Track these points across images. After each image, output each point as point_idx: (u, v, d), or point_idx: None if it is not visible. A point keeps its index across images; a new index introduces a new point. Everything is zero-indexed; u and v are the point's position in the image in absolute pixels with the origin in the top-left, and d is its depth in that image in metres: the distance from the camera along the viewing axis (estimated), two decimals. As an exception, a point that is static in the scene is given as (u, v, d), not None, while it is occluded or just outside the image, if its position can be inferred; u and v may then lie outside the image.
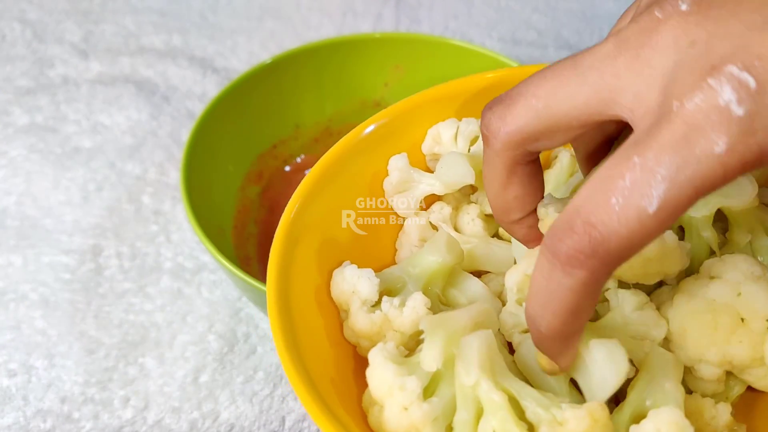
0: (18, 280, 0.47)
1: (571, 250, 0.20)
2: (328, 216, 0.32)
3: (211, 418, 0.41)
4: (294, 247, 0.29)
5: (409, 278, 0.30)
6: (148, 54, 0.67)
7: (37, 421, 0.41)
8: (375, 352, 0.26)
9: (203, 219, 0.39)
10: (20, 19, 0.72)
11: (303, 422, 0.41)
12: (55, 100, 0.62)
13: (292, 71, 0.49)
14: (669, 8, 0.20)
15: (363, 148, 0.33)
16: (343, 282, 0.29)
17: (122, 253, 0.49)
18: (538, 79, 0.23)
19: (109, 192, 0.53)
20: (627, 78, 0.21)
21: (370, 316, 0.28)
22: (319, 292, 0.30)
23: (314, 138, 0.53)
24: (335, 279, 0.30)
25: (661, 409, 0.23)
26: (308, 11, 0.74)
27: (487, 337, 0.25)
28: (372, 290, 0.28)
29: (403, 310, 0.28)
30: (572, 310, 0.21)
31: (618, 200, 0.19)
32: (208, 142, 0.44)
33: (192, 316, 0.46)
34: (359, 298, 0.28)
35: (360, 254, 0.31)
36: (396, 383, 0.24)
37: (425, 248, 0.30)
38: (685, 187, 0.19)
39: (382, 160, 0.34)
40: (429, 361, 0.25)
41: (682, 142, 0.19)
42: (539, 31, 0.71)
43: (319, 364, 0.27)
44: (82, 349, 0.44)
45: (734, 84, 0.18)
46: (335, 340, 0.29)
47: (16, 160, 0.56)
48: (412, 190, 0.33)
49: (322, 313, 0.29)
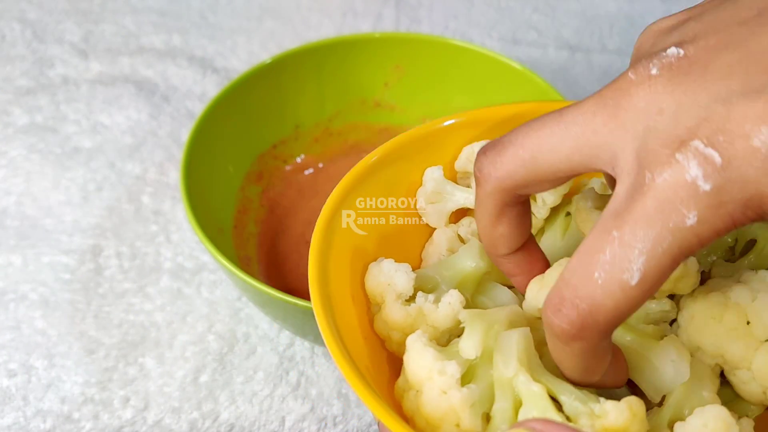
0: (18, 280, 0.47)
1: (564, 325, 0.21)
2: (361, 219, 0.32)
3: (211, 418, 0.41)
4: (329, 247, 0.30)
5: (442, 280, 0.30)
6: (147, 54, 0.67)
7: (37, 421, 0.41)
8: (413, 338, 0.26)
9: (203, 219, 0.39)
10: (20, 19, 0.72)
11: (303, 422, 0.41)
12: (54, 100, 0.62)
13: (292, 71, 0.49)
14: (641, 71, 0.21)
15: (399, 157, 0.33)
16: (380, 274, 0.29)
17: (122, 253, 0.49)
18: (527, 130, 0.24)
19: (109, 192, 0.53)
20: (605, 136, 0.22)
21: (406, 308, 0.28)
22: (353, 286, 0.30)
23: (314, 138, 0.53)
24: (371, 271, 0.30)
25: (708, 407, 0.24)
26: (308, 11, 0.74)
27: (525, 333, 0.26)
28: (408, 284, 0.29)
29: (439, 305, 0.28)
30: (584, 368, 0.23)
31: (600, 275, 0.20)
32: (208, 142, 0.44)
33: (192, 316, 0.45)
34: (395, 291, 0.29)
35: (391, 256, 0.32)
36: (435, 367, 0.25)
37: (460, 253, 0.31)
38: (664, 259, 0.20)
39: (417, 171, 0.34)
40: (468, 349, 0.26)
41: (656, 216, 0.20)
42: (539, 31, 0.71)
43: (356, 350, 0.28)
44: (82, 349, 0.44)
45: (700, 160, 0.19)
46: (365, 332, 0.30)
47: (16, 160, 0.56)
48: (445, 202, 0.34)
49: (355, 307, 0.30)
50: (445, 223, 0.34)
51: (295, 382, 0.42)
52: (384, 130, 0.54)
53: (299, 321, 0.38)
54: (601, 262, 0.20)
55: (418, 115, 0.53)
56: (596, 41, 0.70)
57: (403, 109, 0.53)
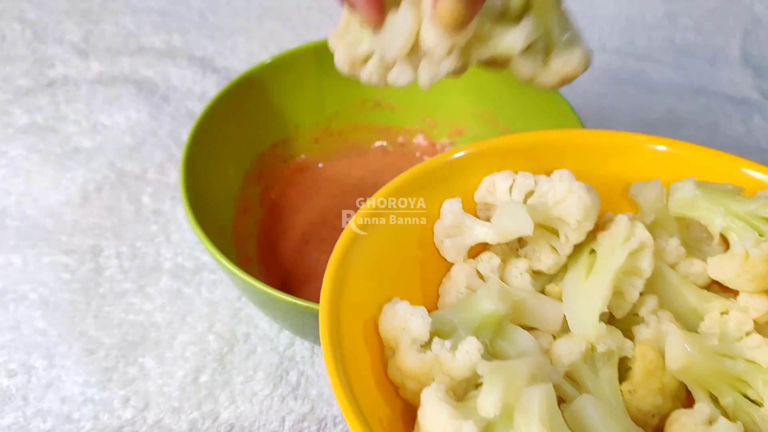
0: (18, 280, 0.47)
1: None
2: (377, 252, 0.31)
3: (211, 418, 0.41)
4: (342, 282, 0.29)
5: (460, 323, 0.29)
6: (147, 54, 0.67)
7: (37, 421, 0.41)
8: (429, 392, 0.25)
9: (203, 219, 0.39)
10: (20, 19, 0.72)
11: (303, 422, 0.41)
12: (55, 100, 0.62)
13: (291, 71, 0.49)
14: None
15: (416, 188, 0.33)
16: (395, 317, 0.28)
17: (122, 253, 0.49)
18: None
19: (109, 192, 0.53)
20: None
21: (421, 355, 0.27)
22: (366, 327, 0.29)
23: (314, 138, 0.53)
24: (386, 314, 0.29)
25: None
26: (308, 11, 0.74)
27: (548, 391, 0.24)
28: (424, 329, 0.27)
29: (456, 353, 0.27)
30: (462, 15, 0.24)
31: None
32: (208, 141, 0.44)
33: (192, 316, 0.45)
34: (410, 336, 0.27)
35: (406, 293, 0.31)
36: (451, 426, 0.24)
37: (479, 294, 0.29)
38: None
39: (434, 203, 0.33)
40: (487, 407, 0.24)
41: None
42: (539, 31, 0.71)
43: (368, 399, 0.26)
44: (82, 349, 0.44)
45: None
46: (378, 378, 0.28)
47: (16, 160, 0.56)
48: (463, 236, 0.33)
49: (368, 349, 0.28)
50: (463, 258, 0.33)
51: (295, 382, 0.42)
52: (384, 130, 0.54)
53: (299, 321, 0.38)
54: None
55: (417, 115, 0.53)
56: (596, 41, 0.70)
57: (403, 109, 0.53)
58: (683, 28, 0.72)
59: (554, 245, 0.32)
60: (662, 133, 0.60)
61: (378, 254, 0.31)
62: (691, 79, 0.66)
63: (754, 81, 0.65)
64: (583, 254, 0.32)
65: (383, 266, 0.31)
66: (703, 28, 0.72)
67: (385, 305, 0.29)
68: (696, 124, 0.61)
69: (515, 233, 0.31)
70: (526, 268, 0.32)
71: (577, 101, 0.63)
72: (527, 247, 0.33)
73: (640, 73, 0.66)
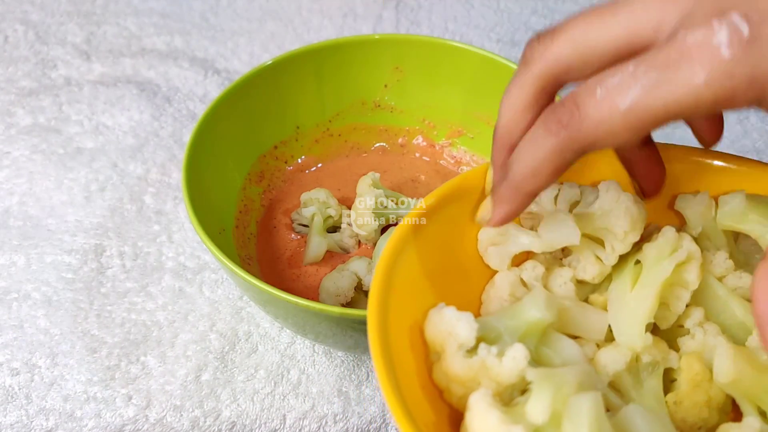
0: (21, 280, 0.48)
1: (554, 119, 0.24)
2: (422, 257, 0.31)
3: (213, 416, 0.41)
4: (389, 287, 0.28)
5: (506, 330, 0.29)
6: (149, 55, 0.68)
7: (40, 419, 0.41)
8: (477, 397, 0.25)
9: (205, 219, 0.39)
10: (23, 21, 0.72)
11: (303, 420, 0.41)
12: (57, 101, 0.62)
13: (292, 72, 0.50)
14: None
15: (462, 194, 0.32)
16: (441, 322, 0.28)
17: (124, 252, 0.50)
18: (582, 16, 0.26)
19: (112, 192, 0.54)
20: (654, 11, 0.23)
21: (468, 360, 0.27)
22: (412, 331, 0.29)
23: (315, 139, 0.53)
24: (432, 318, 0.29)
25: None
26: (309, 13, 0.74)
27: (596, 399, 0.24)
28: (471, 334, 0.27)
29: (503, 359, 0.27)
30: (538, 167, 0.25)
31: (602, 92, 0.23)
32: (209, 142, 0.44)
33: (193, 315, 0.46)
34: (456, 341, 0.27)
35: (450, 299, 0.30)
36: (500, 431, 0.24)
37: (525, 302, 0.29)
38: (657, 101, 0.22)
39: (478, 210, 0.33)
40: (537, 413, 0.24)
41: (672, 65, 0.21)
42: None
43: (415, 404, 0.26)
44: (85, 348, 0.44)
45: (731, 29, 0.21)
46: (423, 382, 0.28)
47: (19, 161, 0.56)
48: (508, 245, 0.33)
49: (413, 354, 0.28)
50: (507, 266, 0.33)
51: (296, 380, 0.43)
52: (383, 131, 0.54)
53: (300, 320, 0.38)
54: (608, 83, 0.23)
55: (417, 116, 0.54)
56: (595, 43, 0.70)
57: (403, 110, 0.54)
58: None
59: (599, 255, 0.32)
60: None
61: (423, 259, 0.31)
62: (689, 81, 0.66)
63: (751, 82, 0.66)
64: (628, 265, 0.32)
65: (428, 272, 0.31)
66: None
67: (431, 310, 0.29)
68: (694, 125, 0.61)
69: (562, 243, 0.31)
70: (570, 278, 0.32)
71: (575, 102, 0.64)
72: (571, 256, 0.33)
73: (638, 74, 0.67)
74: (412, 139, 0.55)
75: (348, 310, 0.34)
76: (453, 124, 0.53)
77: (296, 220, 0.49)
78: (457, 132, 0.53)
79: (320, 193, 0.48)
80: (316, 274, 0.46)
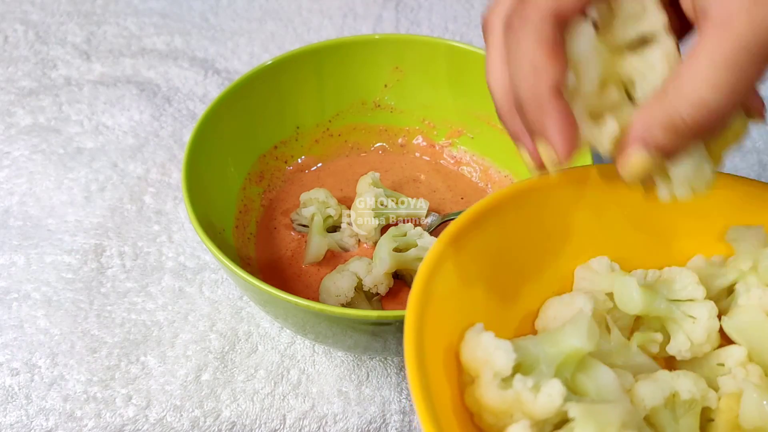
0: (21, 280, 0.48)
1: None
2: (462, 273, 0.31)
3: (213, 416, 0.41)
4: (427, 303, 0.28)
5: (544, 357, 0.28)
6: (149, 55, 0.68)
7: (40, 419, 0.41)
8: (518, 430, 0.25)
9: (205, 219, 0.39)
10: (23, 21, 0.72)
11: (303, 420, 0.41)
12: (57, 101, 0.62)
13: (292, 72, 0.50)
14: None
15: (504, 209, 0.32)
16: (478, 348, 0.28)
17: (124, 252, 0.50)
18: None
19: (112, 192, 0.54)
20: None
21: (502, 392, 0.26)
22: (447, 351, 0.28)
23: (315, 139, 0.53)
24: (469, 342, 0.28)
25: None
26: (309, 13, 0.74)
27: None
28: (508, 365, 0.27)
29: (538, 395, 0.26)
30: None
31: None
32: (209, 142, 0.44)
33: (193, 315, 0.46)
34: (492, 369, 0.27)
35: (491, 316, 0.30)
36: None
37: (567, 329, 0.29)
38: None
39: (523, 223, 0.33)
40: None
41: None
42: (538, 32, 0.72)
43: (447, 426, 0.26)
44: (85, 348, 0.44)
45: None
46: (454, 402, 0.28)
47: (19, 161, 0.56)
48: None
49: (446, 373, 0.28)
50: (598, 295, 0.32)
51: (296, 380, 0.43)
52: (383, 131, 0.54)
53: (300, 320, 0.38)
54: None
55: (417, 116, 0.54)
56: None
57: (403, 110, 0.54)
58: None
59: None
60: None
61: (462, 274, 0.30)
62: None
63: (751, 82, 0.66)
64: None
65: (466, 287, 0.30)
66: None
67: (468, 331, 0.29)
68: (694, 125, 0.61)
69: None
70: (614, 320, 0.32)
71: (575, 102, 0.64)
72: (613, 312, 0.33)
73: (638, 74, 0.67)
74: (412, 139, 0.55)
75: (348, 310, 0.34)
76: (453, 124, 0.53)
77: (296, 220, 0.49)
78: (457, 132, 0.53)
79: (319, 193, 0.48)
80: (316, 274, 0.46)
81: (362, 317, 0.35)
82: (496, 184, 0.52)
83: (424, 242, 0.44)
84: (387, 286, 0.44)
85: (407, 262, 0.44)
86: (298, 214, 0.49)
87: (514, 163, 0.51)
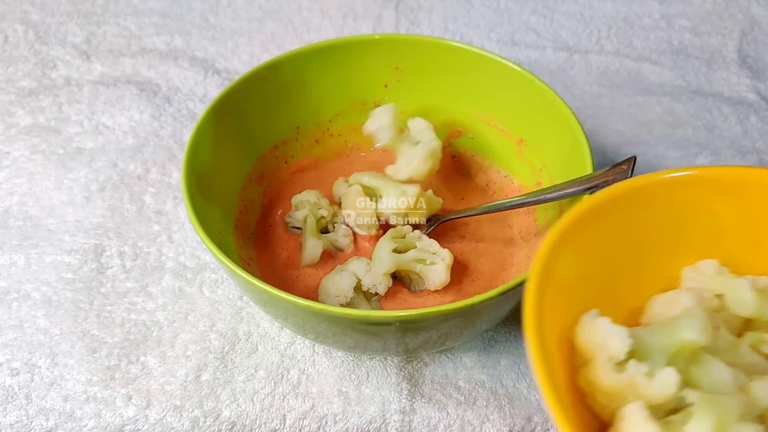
0: (21, 280, 0.48)
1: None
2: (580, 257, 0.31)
3: (213, 416, 0.41)
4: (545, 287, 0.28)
5: (657, 346, 0.29)
6: (149, 55, 0.68)
7: (40, 419, 0.41)
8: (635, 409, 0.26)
9: (205, 219, 0.39)
10: (23, 21, 0.72)
11: (303, 420, 0.41)
12: (57, 101, 0.62)
13: (292, 73, 0.50)
14: None
15: (618, 205, 0.32)
16: (594, 332, 0.28)
17: (124, 252, 0.50)
18: None
19: (111, 192, 0.54)
20: None
21: (617, 375, 0.27)
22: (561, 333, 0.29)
23: (315, 139, 0.53)
24: (585, 326, 0.29)
25: None
26: (309, 13, 0.74)
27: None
28: (623, 349, 0.27)
29: (653, 382, 0.27)
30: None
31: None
32: (209, 142, 0.44)
33: (193, 315, 0.46)
34: (607, 353, 0.28)
35: (600, 306, 0.31)
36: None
37: (683, 322, 0.29)
38: None
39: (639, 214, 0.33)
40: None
41: None
42: (538, 32, 0.72)
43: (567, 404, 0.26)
44: (85, 348, 0.44)
45: None
46: (566, 381, 0.29)
47: (18, 161, 0.56)
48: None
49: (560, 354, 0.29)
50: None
51: (296, 380, 0.43)
52: (384, 131, 0.54)
53: (300, 320, 0.38)
54: None
55: (417, 116, 0.54)
56: (594, 43, 0.70)
57: (403, 110, 0.54)
58: (680, 30, 0.72)
59: None
60: (659, 133, 0.61)
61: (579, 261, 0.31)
62: (688, 81, 0.66)
63: (750, 82, 0.66)
64: None
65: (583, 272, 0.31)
66: (700, 29, 0.72)
67: (584, 315, 0.29)
68: (693, 125, 0.61)
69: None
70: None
71: (575, 102, 0.64)
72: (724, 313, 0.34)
73: (637, 74, 0.67)
74: (411, 139, 0.55)
75: (348, 310, 0.34)
76: (452, 124, 0.53)
77: (289, 222, 0.49)
78: (457, 132, 0.53)
79: (311, 195, 0.48)
80: (315, 274, 0.46)
81: (362, 317, 0.35)
82: (496, 185, 0.52)
83: (422, 244, 0.44)
84: (386, 286, 0.44)
85: (406, 263, 0.44)
86: (291, 216, 0.49)
87: (514, 163, 0.51)
